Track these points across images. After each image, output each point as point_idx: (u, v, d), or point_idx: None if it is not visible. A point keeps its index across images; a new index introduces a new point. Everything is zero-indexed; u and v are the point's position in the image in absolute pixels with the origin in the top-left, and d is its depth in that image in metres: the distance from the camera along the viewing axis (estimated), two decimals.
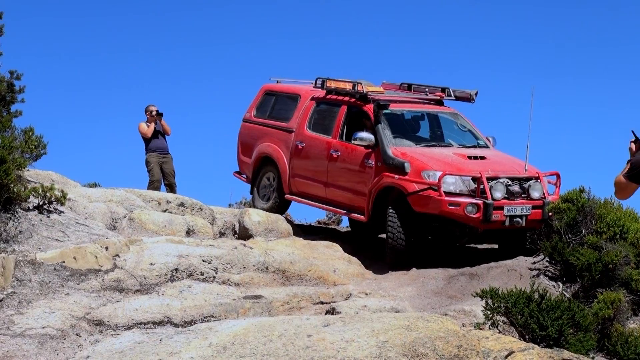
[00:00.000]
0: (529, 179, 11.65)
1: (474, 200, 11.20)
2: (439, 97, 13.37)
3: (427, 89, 13.54)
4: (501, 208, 11.25)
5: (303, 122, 13.28)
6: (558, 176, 12.05)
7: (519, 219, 11.35)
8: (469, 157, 11.95)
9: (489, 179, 11.37)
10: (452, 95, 13.30)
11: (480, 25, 35.61)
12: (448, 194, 11.24)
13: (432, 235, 11.91)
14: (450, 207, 11.21)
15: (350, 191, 12.31)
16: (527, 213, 11.39)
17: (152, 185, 15.02)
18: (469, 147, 12.64)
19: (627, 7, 33.60)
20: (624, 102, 33.80)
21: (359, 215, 12.14)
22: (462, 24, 35.83)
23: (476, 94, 13.14)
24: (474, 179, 11.37)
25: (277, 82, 14.52)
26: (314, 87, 13.59)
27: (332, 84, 13.08)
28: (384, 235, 12.12)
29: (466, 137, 12.97)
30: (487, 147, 12.81)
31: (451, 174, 11.33)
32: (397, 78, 14.11)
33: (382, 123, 12.11)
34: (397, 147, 11.94)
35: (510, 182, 11.48)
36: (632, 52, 33.81)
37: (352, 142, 12.22)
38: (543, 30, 35.43)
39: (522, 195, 11.52)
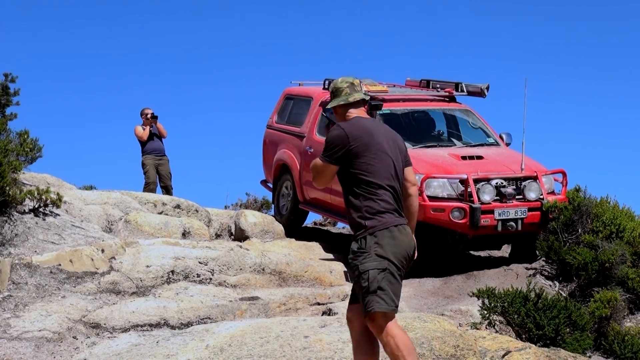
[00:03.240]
0: (525, 178, 10.86)
1: (459, 205, 10.44)
2: (448, 93, 12.49)
3: (438, 85, 12.75)
4: (491, 212, 10.47)
5: (313, 126, 12.57)
6: (564, 174, 11.20)
7: (512, 223, 10.53)
8: (463, 158, 11.12)
9: (478, 181, 10.59)
10: (465, 90, 12.37)
11: (502, 24, 35.60)
12: (434, 198, 10.53)
13: (423, 244, 11.23)
14: (435, 213, 10.44)
15: None
16: (522, 216, 10.57)
17: (148, 187, 15.00)
18: (474, 145, 11.82)
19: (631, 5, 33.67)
20: (623, 101, 33.87)
21: None
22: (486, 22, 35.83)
23: (487, 88, 12.22)
24: (462, 182, 10.58)
25: (300, 84, 13.82)
26: (322, 89, 12.81)
27: None
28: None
29: (476, 134, 12.14)
30: (496, 144, 11.94)
31: (435, 177, 10.59)
32: (427, 76, 13.22)
33: None
34: None
35: (504, 183, 10.68)
36: (633, 51, 33.90)
37: None
38: (548, 29, 35.48)
39: (518, 197, 10.70)
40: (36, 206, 9.74)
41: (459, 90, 12.39)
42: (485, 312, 8.12)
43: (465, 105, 12.52)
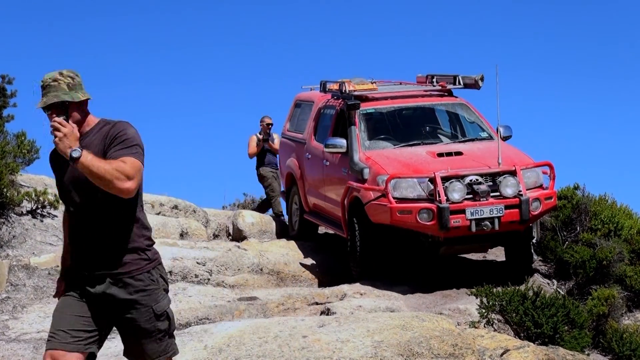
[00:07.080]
0: (503, 173, 9.85)
1: (426, 206, 9.59)
2: (441, 87, 11.79)
3: (434, 79, 11.99)
4: (462, 211, 9.55)
5: (312, 131, 12.07)
6: (551, 167, 10.21)
7: (487, 223, 9.58)
8: (439, 155, 10.29)
9: (447, 179, 9.69)
10: (461, 83, 11.62)
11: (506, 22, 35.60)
12: (403, 200, 9.74)
13: (401, 247, 10.51)
14: (401, 215, 9.66)
15: (334, 203, 11.03)
16: (498, 214, 9.61)
17: (275, 201, 14.15)
18: (462, 141, 10.97)
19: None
20: (623, 99, 33.91)
21: (339, 230, 10.97)
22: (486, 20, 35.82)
23: (482, 79, 11.43)
24: (432, 181, 9.72)
25: (311, 89, 13.17)
26: (319, 91, 12.24)
27: (332, 87, 11.76)
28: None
29: (470, 128, 11.29)
30: (489, 138, 10.97)
31: (400, 177, 9.81)
32: (441, 71, 12.37)
33: (358, 124, 10.85)
34: (366, 151, 10.56)
35: (480, 180, 9.77)
36: (629, 48, 33.94)
37: (325, 149, 10.99)
38: (550, 26, 35.51)
39: (494, 194, 9.74)
40: (34, 208, 9.74)
41: (456, 83, 11.69)
42: (484, 310, 8.12)
43: (461, 98, 11.83)
